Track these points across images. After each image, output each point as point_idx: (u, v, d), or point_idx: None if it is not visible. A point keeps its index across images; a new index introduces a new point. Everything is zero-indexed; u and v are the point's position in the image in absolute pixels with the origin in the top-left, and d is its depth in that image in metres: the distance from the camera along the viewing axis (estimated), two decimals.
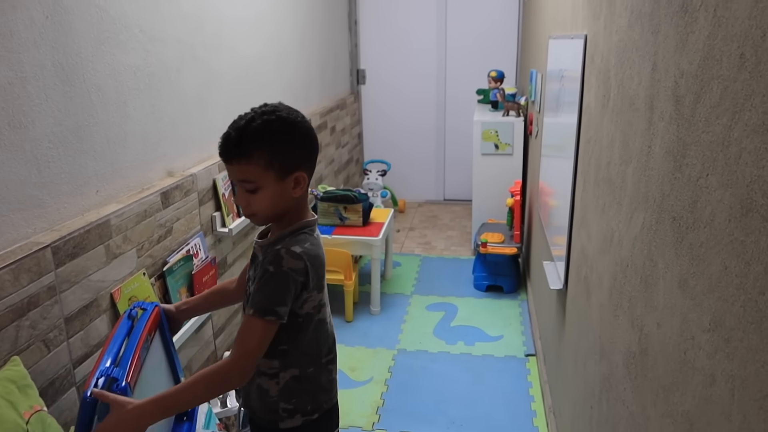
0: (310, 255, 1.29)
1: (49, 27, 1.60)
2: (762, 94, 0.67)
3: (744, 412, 0.70)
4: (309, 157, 1.32)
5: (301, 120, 1.31)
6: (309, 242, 1.31)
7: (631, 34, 1.26)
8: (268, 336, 1.24)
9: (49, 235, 1.60)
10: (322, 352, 1.41)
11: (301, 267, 1.26)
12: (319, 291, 1.35)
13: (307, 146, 1.32)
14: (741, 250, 0.72)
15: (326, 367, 1.42)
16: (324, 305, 1.39)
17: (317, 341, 1.39)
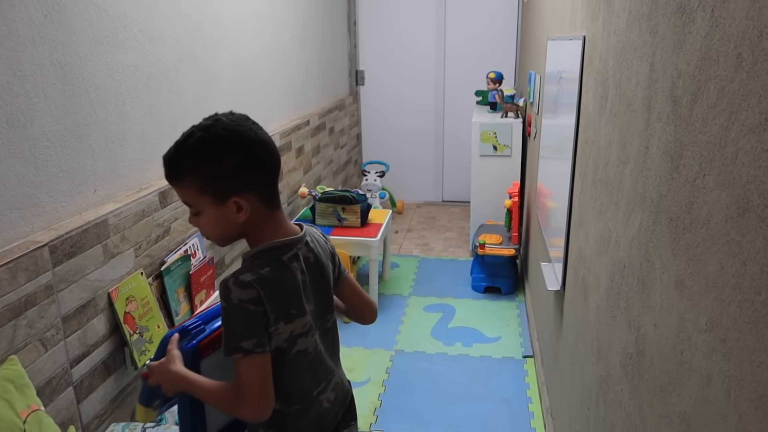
0: (265, 282, 1.13)
1: (48, 26, 1.60)
2: (759, 94, 0.67)
3: (740, 413, 0.70)
4: (253, 177, 1.15)
5: (244, 134, 1.13)
6: (269, 267, 1.16)
7: (629, 34, 1.26)
8: (257, 372, 1.12)
9: (47, 234, 1.60)
10: (310, 387, 1.28)
11: (253, 296, 1.12)
12: (287, 321, 1.18)
13: (250, 165, 1.14)
14: (737, 250, 0.72)
15: (317, 399, 1.29)
16: (300, 335, 1.22)
17: (300, 377, 1.25)
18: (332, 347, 1.36)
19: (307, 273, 1.24)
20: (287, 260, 1.20)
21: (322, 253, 1.30)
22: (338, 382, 1.36)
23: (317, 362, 1.28)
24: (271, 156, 1.19)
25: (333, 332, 1.36)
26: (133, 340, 1.86)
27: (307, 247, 1.26)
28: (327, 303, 1.32)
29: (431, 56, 5.40)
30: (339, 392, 1.36)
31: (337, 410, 1.35)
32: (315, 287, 1.27)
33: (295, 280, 1.20)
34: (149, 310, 1.96)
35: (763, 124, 0.66)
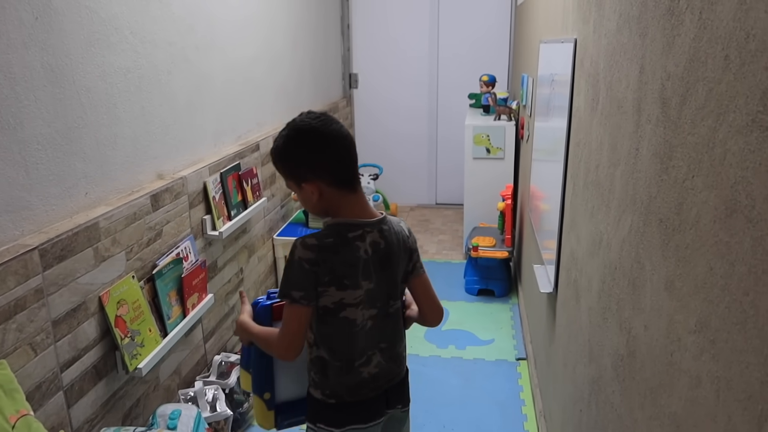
0: (324, 249, 1.34)
1: (39, 28, 1.59)
2: (746, 95, 0.68)
3: (729, 414, 0.70)
4: (318, 168, 1.35)
5: (309, 131, 1.36)
6: (332, 238, 1.36)
7: (619, 37, 1.27)
8: (295, 318, 1.35)
9: (37, 237, 1.59)
10: (352, 354, 1.42)
11: (311, 257, 1.33)
12: (339, 288, 1.36)
13: (314, 158, 1.35)
14: (726, 251, 0.72)
15: (357, 370, 1.43)
16: (350, 305, 1.38)
17: (344, 340, 1.41)
18: (390, 331, 1.49)
19: (373, 255, 1.39)
20: (352, 237, 1.37)
21: (397, 244, 1.44)
22: (385, 363, 1.48)
23: (363, 335, 1.42)
24: (335, 148, 1.36)
25: (394, 319, 1.49)
26: (124, 344, 1.85)
27: (380, 233, 1.41)
28: (392, 289, 1.46)
29: (424, 59, 5.41)
30: (383, 372, 1.48)
31: (379, 388, 1.48)
32: (379, 270, 1.41)
33: (355, 255, 1.37)
34: (140, 314, 1.95)
35: (750, 126, 0.67)
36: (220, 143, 2.74)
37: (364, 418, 1.47)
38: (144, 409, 2.09)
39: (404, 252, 1.47)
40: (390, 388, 1.52)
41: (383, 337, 1.48)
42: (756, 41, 0.66)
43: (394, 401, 1.54)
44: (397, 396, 1.55)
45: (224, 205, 2.62)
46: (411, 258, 1.50)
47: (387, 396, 1.51)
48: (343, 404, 1.45)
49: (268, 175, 3.25)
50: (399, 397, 1.56)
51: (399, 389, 1.55)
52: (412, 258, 1.50)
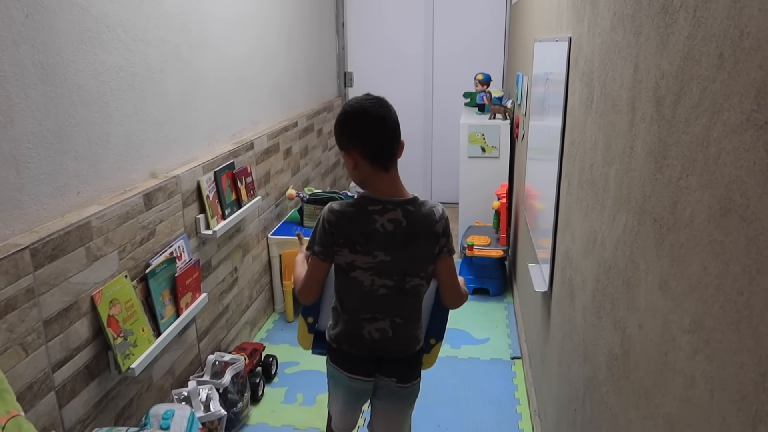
0: (343, 214, 1.54)
1: (30, 26, 1.58)
2: (740, 94, 0.67)
3: (723, 414, 0.69)
4: (355, 141, 1.54)
5: (355, 111, 1.55)
6: (353, 207, 1.55)
7: (613, 35, 1.26)
8: (313, 268, 1.61)
9: (28, 236, 1.58)
10: (358, 309, 1.62)
11: (331, 219, 1.55)
12: (351, 251, 1.55)
13: (348, 131, 1.55)
14: (720, 250, 0.72)
15: (360, 323, 1.62)
16: (359, 268, 1.56)
17: (350, 295, 1.61)
18: (408, 309, 1.63)
19: (394, 230, 1.54)
20: (371, 210, 1.54)
21: (421, 226, 1.56)
22: (391, 335, 1.62)
23: (370, 297, 1.59)
24: (370, 129, 1.53)
25: (412, 297, 1.62)
26: (116, 343, 1.84)
27: (404, 212, 1.55)
28: (409, 266, 1.58)
29: (419, 58, 5.40)
30: (384, 342, 1.63)
31: (374, 352, 1.64)
32: (396, 246, 1.55)
33: (370, 227, 1.53)
34: (133, 314, 1.94)
35: (744, 124, 0.66)
36: (213, 142, 2.73)
37: (349, 369, 1.66)
38: (137, 409, 2.08)
39: (429, 234, 1.57)
40: (387, 359, 1.66)
41: (399, 312, 1.62)
42: (750, 39, 0.65)
43: (390, 373, 1.67)
44: (394, 369, 1.67)
45: (218, 204, 2.61)
46: (438, 242, 1.60)
47: (381, 363, 1.66)
48: (340, 351, 1.67)
49: (263, 173, 3.23)
50: (396, 371, 1.67)
51: (399, 364, 1.68)
52: (438, 242, 1.60)
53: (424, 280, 1.62)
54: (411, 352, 1.68)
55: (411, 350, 1.68)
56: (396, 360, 1.67)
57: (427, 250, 1.59)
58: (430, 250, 1.59)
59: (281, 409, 2.62)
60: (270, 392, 2.74)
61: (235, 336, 2.95)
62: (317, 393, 2.73)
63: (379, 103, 1.57)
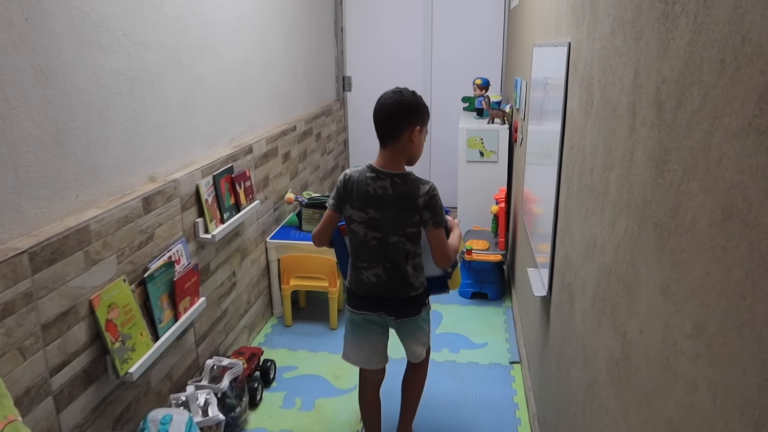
0: (350, 177, 2.02)
1: (29, 29, 1.58)
2: (742, 99, 0.67)
3: (726, 419, 0.69)
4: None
5: (379, 99, 2.01)
6: (357, 173, 2.01)
7: (613, 41, 1.27)
8: (325, 217, 2.09)
9: (26, 240, 1.57)
10: (358, 257, 2.06)
11: (341, 180, 2.04)
12: (351, 207, 2.00)
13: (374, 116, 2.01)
14: (722, 255, 0.72)
15: (358, 269, 2.07)
16: (355, 221, 2.01)
17: (352, 244, 2.07)
18: (394, 256, 2.01)
19: (380, 194, 1.96)
20: (368, 176, 1.98)
21: (402, 196, 1.95)
22: (385, 278, 2.03)
23: (364, 247, 2.03)
24: (375, 113, 2.01)
25: (395, 248, 2.00)
26: (115, 348, 1.83)
27: (391, 183, 1.96)
28: (391, 226, 1.98)
29: (418, 62, 5.41)
30: (380, 284, 2.05)
31: (374, 293, 2.07)
32: (381, 207, 1.97)
33: (363, 188, 1.98)
34: (132, 318, 1.93)
35: (746, 130, 0.66)
36: (212, 146, 2.73)
37: (357, 306, 2.12)
38: (135, 414, 2.07)
39: (407, 204, 1.95)
40: (385, 299, 2.08)
41: (388, 258, 2.02)
42: (752, 45, 0.65)
43: (389, 311, 2.09)
44: (392, 308, 2.09)
45: (217, 208, 2.61)
46: (420, 214, 1.95)
47: (382, 302, 2.08)
48: (352, 292, 2.13)
49: (261, 177, 3.23)
50: (394, 310, 2.09)
51: (395, 304, 2.09)
52: (422, 215, 1.95)
53: (404, 238, 1.99)
54: (405, 296, 2.07)
55: (405, 294, 2.07)
56: (393, 300, 2.08)
57: (405, 216, 1.96)
58: (408, 217, 1.96)
59: (279, 413, 2.62)
60: (268, 397, 2.73)
61: (233, 340, 2.94)
62: (316, 398, 2.72)
63: (391, 94, 1.99)
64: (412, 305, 2.10)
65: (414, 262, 2.05)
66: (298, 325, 3.43)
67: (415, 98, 2.01)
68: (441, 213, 1.97)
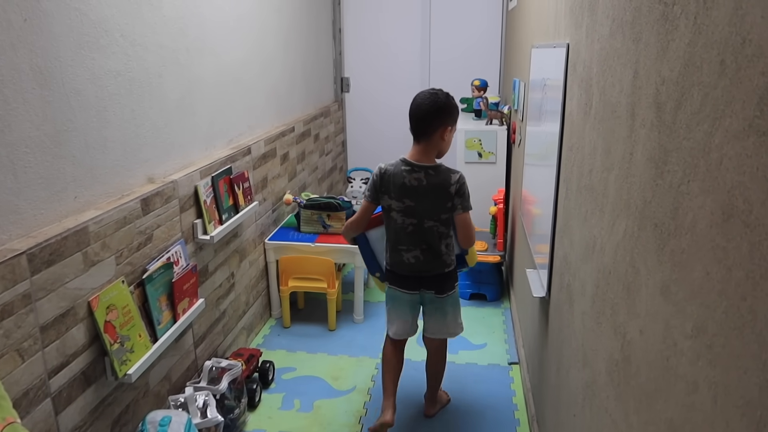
0: (385, 171, 2.26)
1: (28, 30, 1.58)
2: (742, 100, 0.68)
3: (727, 419, 0.69)
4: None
5: (416, 97, 2.26)
6: (393, 167, 2.24)
7: (612, 42, 1.27)
8: (361, 209, 2.36)
9: (25, 241, 1.57)
10: (397, 241, 2.31)
11: (377, 173, 2.28)
12: (389, 198, 2.25)
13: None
14: (722, 256, 0.72)
15: (395, 250, 2.33)
16: (393, 210, 2.27)
17: (390, 230, 2.33)
18: (429, 238, 2.27)
19: (415, 185, 2.21)
20: (402, 169, 2.23)
21: (435, 186, 2.20)
22: (423, 258, 2.29)
23: (402, 232, 2.28)
24: (410, 111, 2.25)
25: (430, 232, 2.26)
26: (113, 349, 1.83)
27: (425, 174, 2.21)
28: (426, 212, 2.23)
29: (416, 63, 5.41)
30: (419, 264, 2.31)
31: (414, 272, 2.32)
32: (417, 196, 2.22)
33: (399, 180, 2.22)
34: (130, 319, 1.93)
35: (746, 131, 0.66)
36: (211, 147, 2.72)
37: (400, 285, 2.38)
38: (133, 415, 2.06)
39: (441, 193, 2.20)
40: (425, 276, 2.33)
41: (424, 241, 2.27)
42: (753, 46, 0.66)
43: (428, 287, 2.36)
44: (431, 283, 2.35)
45: (215, 209, 2.61)
46: (452, 200, 2.21)
47: (422, 280, 2.34)
48: (393, 272, 2.38)
49: (260, 178, 3.23)
50: (432, 285, 2.35)
51: (434, 280, 2.34)
52: (453, 201, 2.21)
53: (438, 223, 2.24)
54: (441, 272, 2.33)
55: (440, 270, 2.33)
56: (432, 277, 2.33)
57: (439, 202, 2.21)
58: (442, 203, 2.21)
59: (278, 415, 2.61)
60: (267, 398, 2.73)
61: (231, 342, 2.94)
62: (314, 399, 2.72)
63: (427, 95, 2.22)
64: (448, 280, 2.37)
65: (446, 242, 2.30)
66: (297, 326, 3.43)
67: (449, 100, 2.22)
68: (468, 199, 2.24)
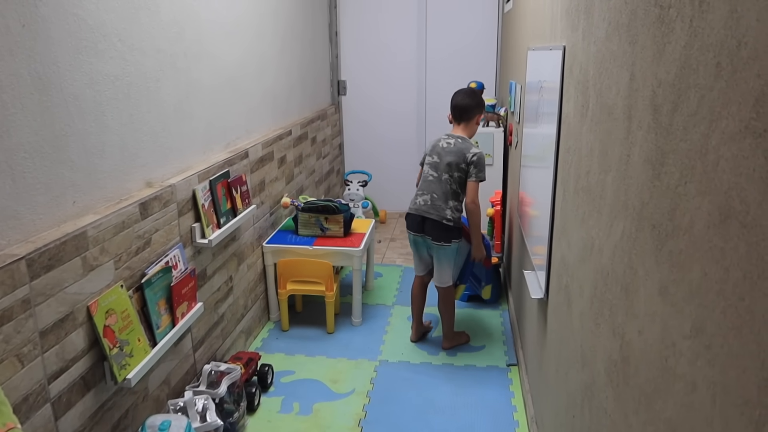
0: (433, 141, 3.05)
1: (26, 36, 1.58)
2: (739, 102, 0.68)
3: (726, 419, 0.70)
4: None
5: (457, 92, 3.09)
6: (438, 138, 3.04)
7: (608, 44, 1.28)
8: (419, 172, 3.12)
9: (24, 246, 1.57)
10: (419, 188, 3.03)
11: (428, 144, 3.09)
12: (427, 155, 3.03)
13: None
14: (720, 256, 0.73)
15: (415, 196, 3.02)
16: (426, 164, 3.02)
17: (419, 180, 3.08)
18: (440, 191, 2.92)
19: (445, 147, 2.95)
20: (443, 137, 3.02)
21: (460, 149, 2.91)
22: (428, 204, 2.92)
23: (424, 180, 3.00)
24: (456, 103, 3.04)
25: (444, 183, 2.91)
26: (113, 354, 1.83)
27: (454, 141, 2.95)
28: (445, 168, 2.91)
29: (413, 66, 5.42)
30: (423, 208, 2.93)
31: (420, 212, 2.94)
32: (443, 155, 2.93)
33: (437, 142, 3.01)
34: (129, 323, 1.93)
35: (743, 132, 0.67)
36: (209, 150, 2.73)
37: (408, 226, 3.05)
38: (133, 420, 2.06)
39: (461, 155, 2.88)
40: (426, 219, 2.91)
41: (434, 190, 2.92)
42: (748, 49, 0.66)
43: (428, 232, 2.94)
44: (429, 229, 2.92)
45: (213, 213, 2.61)
46: (468, 166, 2.88)
47: (424, 223, 2.93)
48: (407, 214, 3.05)
49: (257, 182, 3.23)
50: (430, 231, 2.92)
51: (432, 226, 2.90)
52: (468, 166, 2.88)
53: (451, 179, 2.89)
54: (439, 221, 2.87)
55: (441, 218, 2.87)
56: (431, 222, 2.89)
57: (457, 162, 2.88)
58: (459, 163, 2.87)
59: (277, 418, 2.61)
60: (266, 402, 2.73)
61: (230, 345, 2.93)
62: (313, 402, 2.72)
63: (467, 90, 3.08)
64: (444, 232, 2.88)
65: (454, 203, 2.89)
66: (295, 329, 3.43)
67: (481, 96, 3.07)
68: (482, 171, 2.86)
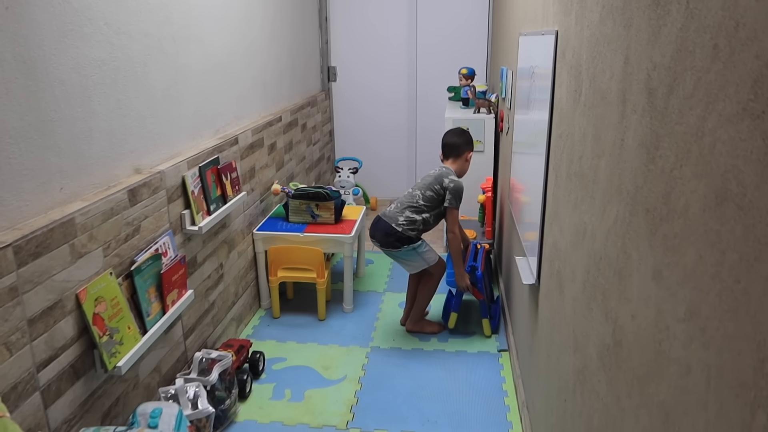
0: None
1: (9, 18, 1.54)
2: (736, 84, 0.68)
3: (720, 401, 0.70)
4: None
5: (448, 131, 3.31)
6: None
7: (602, 28, 1.27)
8: None
9: (11, 234, 1.55)
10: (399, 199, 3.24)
11: None
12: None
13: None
14: (716, 239, 0.72)
15: (391, 204, 3.21)
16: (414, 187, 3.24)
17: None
18: (404, 200, 3.09)
19: (430, 173, 3.13)
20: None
21: (440, 174, 3.08)
22: (391, 208, 3.10)
23: (403, 195, 3.13)
24: (447, 141, 3.23)
25: (412, 197, 3.07)
26: (102, 341, 1.81)
27: (437, 168, 3.14)
28: (419, 186, 3.10)
29: (403, 52, 5.39)
30: (385, 211, 3.12)
31: (381, 216, 3.11)
32: (423, 178, 3.13)
33: (427, 173, 3.16)
34: (119, 311, 1.91)
35: (740, 114, 0.67)
36: (198, 137, 2.70)
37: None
38: (124, 408, 2.05)
39: (438, 179, 3.06)
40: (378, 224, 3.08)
41: (401, 201, 3.08)
42: (746, 30, 0.66)
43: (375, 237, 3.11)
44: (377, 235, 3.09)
45: (203, 200, 2.58)
46: (442, 189, 3.04)
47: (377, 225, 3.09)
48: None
49: (247, 169, 3.21)
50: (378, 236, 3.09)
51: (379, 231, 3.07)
52: (443, 191, 3.04)
53: (420, 194, 3.05)
54: (389, 227, 3.02)
55: (389, 226, 3.02)
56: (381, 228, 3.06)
57: (430, 183, 3.06)
58: (431, 185, 3.05)
59: (269, 405, 2.61)
60: (257, 389, 2.72)
61: (221, 333, 2.93)
62: (305, 389, 2.73)
63: (458, 131, 3.28)
64: (392, 238, 3.02)
65: (411, 216, 3.02)
66: (286, 316, 3.43)
67: (469, 134, 3.26)
68: (456, 200, 3.02)
